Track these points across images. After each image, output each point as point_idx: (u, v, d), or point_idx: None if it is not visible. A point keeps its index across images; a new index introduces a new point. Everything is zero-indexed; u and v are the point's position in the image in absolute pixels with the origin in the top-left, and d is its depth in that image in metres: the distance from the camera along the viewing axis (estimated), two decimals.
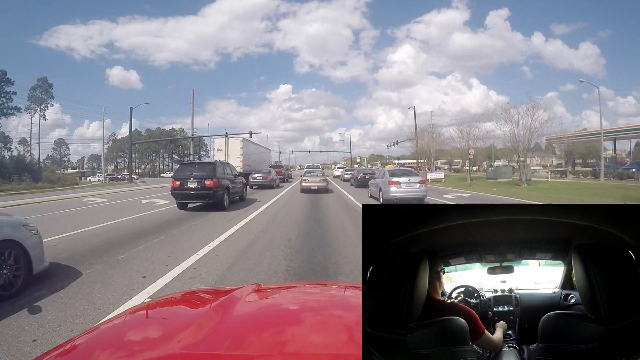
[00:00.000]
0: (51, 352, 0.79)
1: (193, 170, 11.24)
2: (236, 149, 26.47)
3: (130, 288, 3.98)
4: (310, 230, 7.67)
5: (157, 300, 1.26)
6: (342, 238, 6.74)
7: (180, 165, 14.23)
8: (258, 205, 12.44)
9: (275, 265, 4.87)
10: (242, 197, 13.68)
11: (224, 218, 9.41)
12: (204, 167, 11.55)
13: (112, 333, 0.94)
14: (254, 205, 12.51)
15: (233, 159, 25.07)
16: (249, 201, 13.85)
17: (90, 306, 3.48)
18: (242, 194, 13.72)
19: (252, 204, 13.09)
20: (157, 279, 4.28)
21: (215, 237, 6.73)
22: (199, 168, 11.42)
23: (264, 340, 0.83)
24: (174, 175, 11.70)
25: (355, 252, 5.44)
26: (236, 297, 1.08)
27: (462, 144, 33.39)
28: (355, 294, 1.21)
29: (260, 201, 13.75)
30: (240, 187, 13.36)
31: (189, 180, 10.75)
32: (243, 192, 13.84)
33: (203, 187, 10.59)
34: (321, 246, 6.04)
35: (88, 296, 3.74)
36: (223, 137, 27.61)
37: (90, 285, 4.07)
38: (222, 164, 12.29)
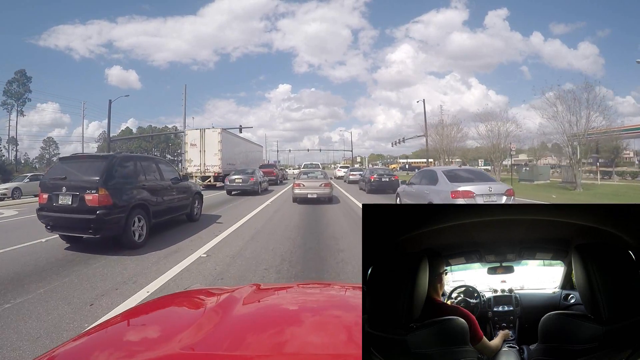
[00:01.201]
0: (51, 352, 0.79)
1: (70, 172, 5.92)
2: (213, 143, 20.93)
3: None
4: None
5: (157, 300, 1.26)
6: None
7: (55, 164, 8.65)
8: (212, 233, 7.15)
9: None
10: (191, 216, 8.52)
11: (106, 279, 4.44)
12: (89, 166, 6.03)
13: (112, 333, 0.94)
14: (203, 234, 7.15)
15: (210, 156, 20.87)
16: (204, 221, 8.63)
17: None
18: (190, 210, 8.47)
19: (205, 228, 7.77)
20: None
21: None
22: (80, 168, 5.99)
23: (263, 341, 0.83)
24: (41, 181, 6.47)
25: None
26: (236, 297, 1.08)
27: (484, 142, 29.84)
28: (355, 294, 1.21)
29: (224, 221, 8.66)
30: (184, 201, 8.07)
31: (60, 193, 5.69)
32: (192, 207, 8.51)
33: (82, 206, 5.51)
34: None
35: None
36: (197, 130, 21.76)
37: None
38: (132, 160, 6.70)
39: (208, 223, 8.43)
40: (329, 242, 6.32)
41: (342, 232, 7.17)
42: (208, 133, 21.26)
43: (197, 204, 8.92)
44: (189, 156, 21.57)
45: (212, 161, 20.92)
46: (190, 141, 21.52)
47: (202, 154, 20.98)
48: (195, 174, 20.55)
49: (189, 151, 21.52)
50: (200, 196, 9.19)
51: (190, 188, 8.59)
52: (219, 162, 20.84)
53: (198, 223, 8.45)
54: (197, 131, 21.67)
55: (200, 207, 9.18)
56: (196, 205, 8.83)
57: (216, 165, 20.92)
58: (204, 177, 20.78)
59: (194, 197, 8.70)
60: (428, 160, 47.94)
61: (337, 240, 6.40)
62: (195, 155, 21.26)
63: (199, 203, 9.09)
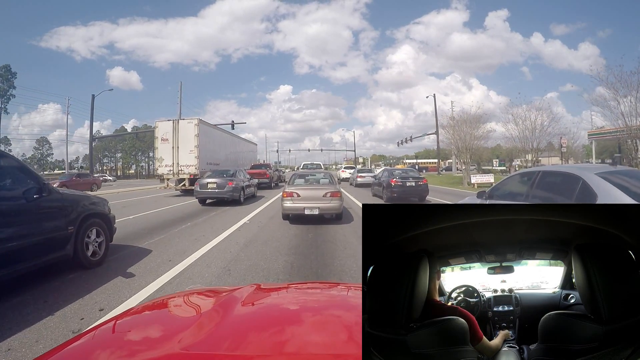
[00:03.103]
0: (51, 351, 0.80)
1: None
2: (189, 137, 16.42)
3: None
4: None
5: (157, 300, 1.26)
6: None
7: None
8: (87, 309, 3.37)
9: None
10: (78, 258, 4.51)
11: None
12: None
13: (113, 333, 0.94)
14: (66, 312, 3.27)
15: (185, 153, 16.36)
16: (105, 270, 4.62)
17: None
18: (76, 249, 4.46)
19: (85, 294, 3.70)
20: None
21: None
22: None
23: (264, 340, 0.83)
24: None
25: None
26: (236, 297, 1.08)
27: (513, 143, 24.79)
28: (355, 294, 1.21)
29: (145, 268, 4.70)
30: (53, 233, 4.16)
31: None
32: (77, 242, 4.49)
33: None
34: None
35: None
36: (170, 120, 16.98)
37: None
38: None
39: (109, 273, 4.46)
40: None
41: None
42: (182, 125, 16.66)
43: (98, 235, 4.90)
44: (159, 154, 16.94)
45: (187, 160, 16.42)
46: (161, 135, 16.71)
47: (176, 151, 16.53)
48: (167, 175, 16.86)
49: (160, 148, 16.76)
50: (105, 221, 5.14)
51: (71, 207, 4.48)
52: (195, 161, 16.35)
53: (90, 274, 4.39)
54: (169, 122, 16.77)
55: (107, 240, 5.08)
56: (94, 239, 4.80)
57: (192, 165, 16.40)
58: (180, 180, 16.76)
59: (84, 223, 4.62)
60: (439, 160, 46.61)
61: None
62: (167, 152, 16.66)
63: (105, 233, 5.04)
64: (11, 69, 47.09)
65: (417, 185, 12.72)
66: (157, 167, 17.53)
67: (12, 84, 46.64)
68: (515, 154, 26.16)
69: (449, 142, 29.85)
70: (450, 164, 55.24)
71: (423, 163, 69.47)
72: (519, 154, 26.35)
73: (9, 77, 46.61)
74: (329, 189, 8.30)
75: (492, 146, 33.06)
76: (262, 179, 19.43)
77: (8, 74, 46.55)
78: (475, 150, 28.65)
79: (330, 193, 8.12)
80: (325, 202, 8.01)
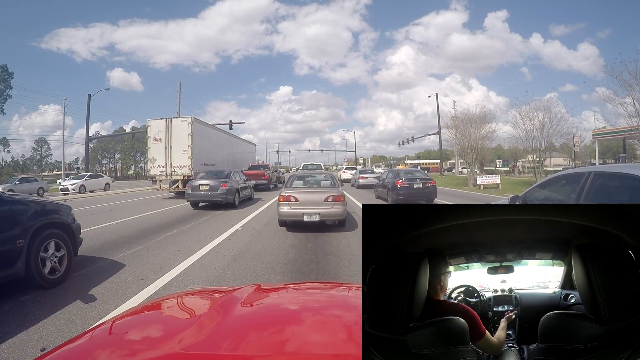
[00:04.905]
0: (52, 351, 0.79)
1: None
2: (182, 136, 15.75)
3: None
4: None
5: (157, 300, 1.26)
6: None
7: None
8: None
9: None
10: (34, 276, 3.76)
11: None
12: None
13: (112, 333, 0.94)
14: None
15: (178, 153, 15.75)
16: (63, 290, 3.88)
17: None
18: (29, 268, 3.69)
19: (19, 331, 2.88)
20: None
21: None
22: None
23: (264, 340, 0.83)
24: None
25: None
26: (236, 297, 1.08)
27: (517, 143, 23.91)
28: (355, 294, 1.21)
29: (102, 296, 3.78)
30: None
31: None
32: (33, 260, 3.73)
33: None
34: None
35: None
36: (163, 119, 16.29)
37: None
38: None
39: (68, 295, 3.75)
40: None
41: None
42: (176, 123, 16.00)
43: (57, 249, 4.16)
44: (151, 154, 16.34)
45: (180, 160, 15.76)
46: (154, 134, 16.09)
47: (169, 151, 15.87)
48: (159, 177, 16.23)
49: (152, 147, 16.15)
50: (66, 231, 4.37)
51: (21, 216, 3.77)
52: (189, 161, 15.69)
53: (47, 296, 3.72)
54: (161, 121, 16.12)
55: (69, 254, 4.30)
56: (52, 253, 4.06)
57: (185, 166, 15.76)
58: (173, 182, 16.08)
59: (39, 235, 3.91)
60: (441, 161, 46.30)
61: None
62: (159, 152, 16.07)
63: (66, 246, 4.27)
64: (8, 69, 46.76)
65: (425, 187, 11.90)
66: (149, 168, 16.94)
67: (9, 84, 46.26)
68: (519, 154, 25.47)
69: (453, 141, 28.90)
70: (452, 164, 55.02)
71: (425, 164, 68.83)
72: (522, 154, 25.92)
73: (6, 77, 46.12)
74: (331, 193, 7.28)
75: (494, 146, 32.82)
76: (259, 180, 18.83)
77: (5, 74, 46.09)
78: (479, 150, 27.95)
79: (333, 197, 7.14)
80: (326, 207, 7.06)
